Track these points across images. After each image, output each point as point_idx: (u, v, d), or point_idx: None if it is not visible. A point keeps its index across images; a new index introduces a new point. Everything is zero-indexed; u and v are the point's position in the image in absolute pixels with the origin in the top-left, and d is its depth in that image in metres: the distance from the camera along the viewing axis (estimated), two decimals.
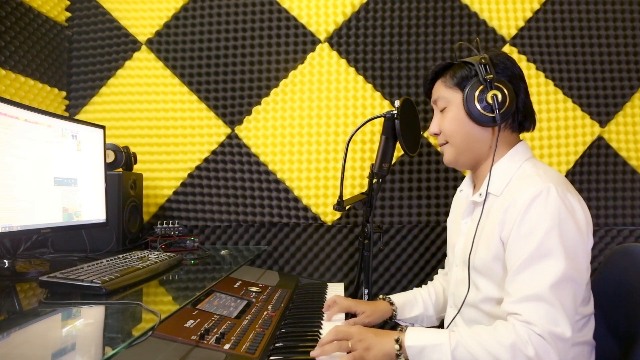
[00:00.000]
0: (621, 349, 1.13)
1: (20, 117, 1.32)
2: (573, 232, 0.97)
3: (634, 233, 1.96)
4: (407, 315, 1.38)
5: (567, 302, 0.93)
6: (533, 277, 0.94)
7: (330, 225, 2.01)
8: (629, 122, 1.97)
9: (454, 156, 1.18)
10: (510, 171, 1.10)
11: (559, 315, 0.91)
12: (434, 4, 2.00)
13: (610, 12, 1.98)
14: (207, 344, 0.96)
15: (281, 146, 2.01)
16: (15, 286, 1.22)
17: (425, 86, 1.25)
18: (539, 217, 0.97)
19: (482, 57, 1.09)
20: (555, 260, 0.94)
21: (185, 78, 2.05)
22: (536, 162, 1.12)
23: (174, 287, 1.32)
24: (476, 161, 1.18)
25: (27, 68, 1.83)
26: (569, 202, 0.99)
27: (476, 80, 1.09)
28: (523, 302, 0.93)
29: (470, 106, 1.09)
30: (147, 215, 2.05)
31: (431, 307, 1.40)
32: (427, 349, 0.94)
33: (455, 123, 1.14)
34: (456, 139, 1.15)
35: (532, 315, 0.91)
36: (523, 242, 0.97)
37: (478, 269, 1.10)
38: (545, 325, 0.90)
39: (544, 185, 0.99)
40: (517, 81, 1.12)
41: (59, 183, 1.47)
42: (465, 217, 1.21)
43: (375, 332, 1.00)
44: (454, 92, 1.14)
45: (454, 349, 0.93)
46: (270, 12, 2.03)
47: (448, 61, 1.18)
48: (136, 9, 2.08)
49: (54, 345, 0.83)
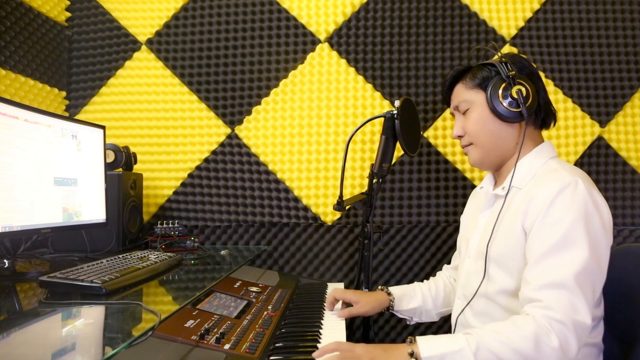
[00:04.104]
0: (621, 349, 1.13)
1: (20, 117, 1.32)
2: (598, 226, 0.97)
3: (634, 233, 1.96)
4: (405, 307, 1.38)
5: (587, 291, 0.92)
6: (556, 265, 0.94)
7: (330, 225, 2.01)
8: (629, 122, 1.97)
9: (480, 156, 1.18)
10: (535, 167, 1.11)
11: (580, 303, 0.90)
12: (434, 4, 2.00)
13: (610, 12, 1.98)
14: (207, 344, 0.96)
15: (281, 146, 2.01)
16: (15, 286, 1.22)
17: (443, 93, 1.26)
18: (565, 208, 0.97)
19: (502, 57, 1.10)
20: (579, 250, 0.93)
21: (185, 78, 2.05)
22: (561, 160, 1.13)
23: (174, 287, 1.32)
24: (502, 159, 1.18)
25: (27, 68, 1.83)
26: (595, 198, 0.99)
27: (498, 79, 1.10)
28: (544, 289, 0.92)
29: (495, 103, 1.10)
30: (147, 215, 2.05)
31: (430, 301, 1.39)
32: (447, 357, 0.89)
33: (480, 123, 1.14)
34: (482, 138, 1.15)
35: (554, 302, 0.90)
36: (548, 231, 0.97)
37: (495, 259, 1.09)
38: (567, 312, 0.89)
39: (571, 179, 1.00)
40: (536, 79, 1.13)
41: (59, 183, 1.47)
42: (484, 210, 1.21)
43: (383, 349, 0.94)
44: (476, 93, 1.14)
45: (476, 351, 0.89)
46: (270, 12, 2.03)
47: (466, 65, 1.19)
48: (136, 9, 2.08)
49: (54, 345, 0.83)
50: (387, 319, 1.99)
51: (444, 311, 1.42)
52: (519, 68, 1.12)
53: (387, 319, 1.99)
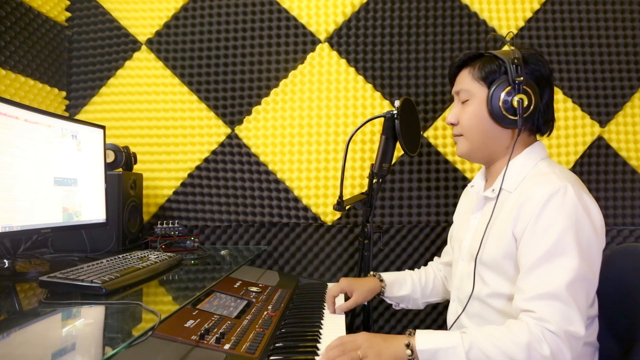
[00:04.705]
0: (621, 349, 1.13)
1: (20, 117, 1.32)
2: (589, 231, 0.97)
3: (634, 233, 1.96)
4: (395, 294, 1.41)
5: (580, 301, 0.92)
6: (548, 274, 0.94)
7: (330, 225, 2.01)
8: (629, 122, 1.97)
9: (468, 150, 1.18)
10: (525, 169, 1.10)
11: (574, 313, 0.90)
12: (434, 4, 2.00)
13: (610, 12, 1.98)
14: (207, 344, 0.96)
15: (281, 146, 2.01)
16: (15, 286, 1.22)
17: (450, 72, 1.22)
18: (555, 215, 0.96)
19: (515, 57, 1.06)
20: (570, 259, 0.93)
21: (185, 78, 2.05)
22: (552, 162, 1.12)
23: (174, 287, 1.32)
24: (490, 158, 1.18)
25: (27, 68, 1.83)
26: (585, 202, 0.99)
27: (504, 79, 1.07)
28: (537, 299, 0.93)
29: (495, 105, 1.08)
30: (147, 215, 2.05)
31: (419, 290, 1.43)
32: (441, 352, 0.92)
33: (475, 119, 1.13)
34: (473, 134, 1.15)
35: (547, 313, 0.90)
36: (538, 239, 0.97)
37: (487, 264, 1.09)
38: (560, 323, 0.89)
39: (561, 184, 0.99)
40: (544, 84, 1.11)
41: (59, 183, 1.47)
42: (475, 212, 1.20)
43: (383, 338, 0.99)
44: (479, 86, 1.12)
45: (468, 350, 0.91)
46: (270, 12, 2.03)
47: (479, 51, 1.16)
48: (136, 9, 2.08)
49: (54, 345, 0.83)
50: (387, 319, 1.99)
51: (430, 301, 1.46)
52: (530, 70, 1.08)
53: (388, 319, 1.99)
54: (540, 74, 1.10)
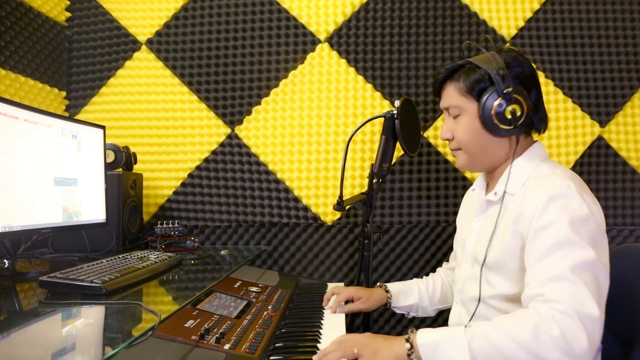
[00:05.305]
0: (621, 349, 1.13)
1: (20, 117, 1.32)
2: (593, 226, 0.97)
3: (634, 233, 1.96)
4: (402, 304, 1.41)
5: (590, 283, 0.90)
6: (554, 262, 0.93)
7: (330, 225, 2.01)
8: (629, 122, 1.97)
9: (468, 163, 1.17)
10: (527, 171, 1.10)
11: (584, 293, 0.88)
12: (434, 4, 2.00)
13: (610, 12, 1.98)
14: (207, 344, 0.96)
15: (281, 146, 2.01)
16: (15, 286, 1.22)
17: (435, 87, 1.21)
18: (559, 212, 0.96)
19: (500, 68, 1.05)
20: (575, 247, 0.93)
21: (185, 78, 2.05)
22: (552, 163, 1.12)
23: (174, 287, 1.32)
24: (491, 166, 1.17)
25: (27, 68, 1.83)
26: (587, 201, 0.99)
27: (492, 90, 1.06)
28: (545, 284, 0.91)
29: (487, 118, 1.07)
30: (147, 215, 2.05)
31: (427, 298, 1.42)
32: (442, 343, 0.90)
33: (470, 133, 1.12)
34: (471, 148, 1.14)
35: (556, 294, 0.88)
36: (542, 237, 0.96)
37: (491, 266, 1.09)
38: (571, 303, 0.86)
39: (563, 183, 0.99)
40: (530, 84, 1.10)
41: (59, 183, 1.47)
42: (477, 215, 1.20)
43: (383, 337, 0.98)
44: (467, 100, 1.11)
45: (471, 340, 0.88)
46: (270, 12, 2.03)
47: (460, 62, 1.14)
48: (136, 9, 2.08)
49: (54, 345, 0.83)
50: (387, 319, 1.99)
51: (440, 307, 1.45)
52: (514, 75, 1.07)
53: (387, 319, 1.99)
54: (525, 75, 1.09)
